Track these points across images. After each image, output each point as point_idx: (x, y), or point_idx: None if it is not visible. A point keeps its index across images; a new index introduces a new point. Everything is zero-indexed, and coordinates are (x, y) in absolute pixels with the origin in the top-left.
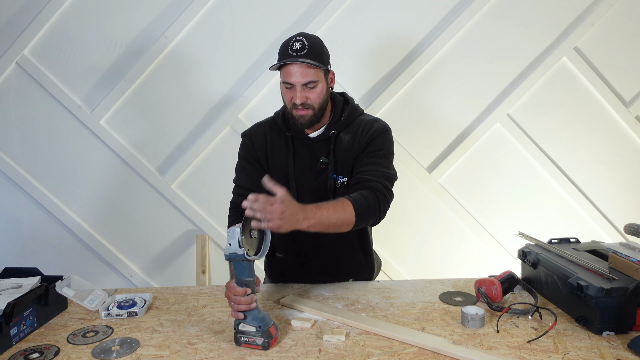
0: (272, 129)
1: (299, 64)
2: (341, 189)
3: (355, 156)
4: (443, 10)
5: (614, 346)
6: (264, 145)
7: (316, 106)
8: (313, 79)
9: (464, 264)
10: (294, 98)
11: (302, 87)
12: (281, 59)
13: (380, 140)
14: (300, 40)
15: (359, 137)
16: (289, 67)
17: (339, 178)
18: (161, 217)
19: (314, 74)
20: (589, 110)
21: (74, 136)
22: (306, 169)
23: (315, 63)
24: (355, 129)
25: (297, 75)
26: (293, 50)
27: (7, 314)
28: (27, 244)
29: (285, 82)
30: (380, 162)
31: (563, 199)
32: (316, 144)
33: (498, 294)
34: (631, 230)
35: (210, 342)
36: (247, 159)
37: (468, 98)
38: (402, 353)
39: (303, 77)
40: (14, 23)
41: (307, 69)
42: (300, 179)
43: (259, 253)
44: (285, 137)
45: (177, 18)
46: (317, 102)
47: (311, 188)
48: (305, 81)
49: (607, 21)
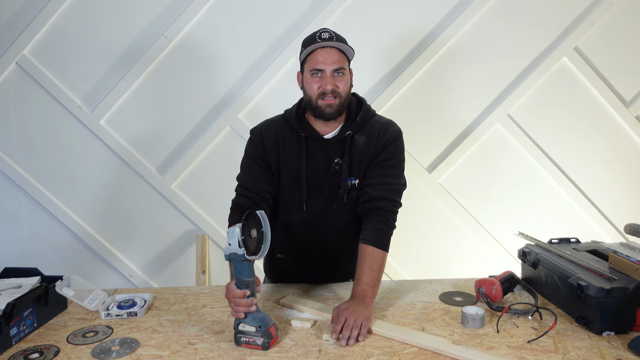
0: (283, 128)
1: (330, 50)
2: (352, 190)
3: (369, 159)
4: (443, 11)
5: (614, 346)
6: (275, 145)
7: (344, 95)
8: (342, 66)
9: (464, 264)
10: (324, 85)
11: (332, 74)
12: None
13: (393, 147)
14: (328, 31)
15: (374, 140)
16: (318, 53)
17: (351, 180)
18: (161, 217)
19: (343, 61)
20: (589, 110)
21: (74, 136)
22: (319, 170)
23: (345, 50)
24: (370, 131)
25: (328, 60)
26: (322, 39)
27: (7, 314)
28: (27, 244)
29: (315, 70)
30: (391, 172)
31: (563, 199)
32: (331, 145)
33: (498, 294)
34: (631, 230)
35: (210, 342)
36: (255, 160)
37: (468, 98)
38: (402, 353)
39: (334, 63)
40: (14, 23)
41: (337, 56)
42: (312, 180)
43: (258, 253)
44: (299, 138)
45: (177, 18)
46: (344, 92)
47: (323, 189)
48: (335, 67)
49: (607, 21)
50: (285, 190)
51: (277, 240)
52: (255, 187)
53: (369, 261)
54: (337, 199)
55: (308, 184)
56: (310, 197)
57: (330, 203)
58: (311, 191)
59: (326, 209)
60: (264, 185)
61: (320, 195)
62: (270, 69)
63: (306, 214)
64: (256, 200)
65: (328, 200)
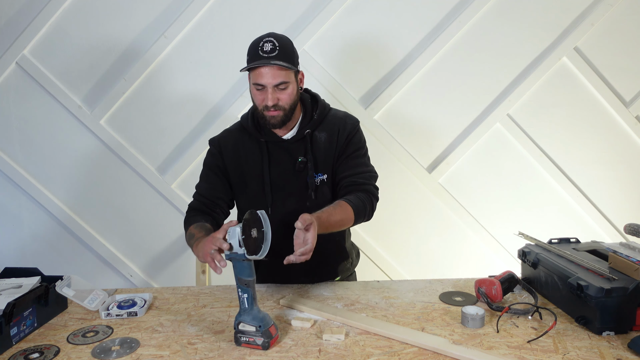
0: (242, 135)
1: (271, 67)
2: (321, 186)
3: (335, 154)
4: (443, 10)
5: (614, 346)
6: (236, 155)
7: (287, 107)
8: (284, 80)
9: (464, 264)
10: (266, 100)
11: (273, 89)
12: (251, 60)
13: (357, 138)
14: (271, 41)
15: (335, 135)
16: (260, 69)
17: (318, 176)
18: (161, 217)
19: (285, 75)
20: (589, 110)
21: (74, 136)
22: (284, 171)
23: (286, 65)
24: (330, 127)
25: (269, 76)
26: (264, 52)
27: (7, 314)
28: (27, 244)
29: (256, 84)
30: (363, 162)
31: (563, 199)
32: (291, 145)
33: (498, 294)
34: (631, 230)
35: (210, 342)
36: (212, 169)
37: (468, 98)
38: (402, 353)
39: (274, 79)
40: (14, 23)
41: (278, 71)
42: (278, 182)
43: (259, 252)
44: (259, 143)
45: (177, 18)
46: (287, 103)
47: (293, 189)
48: (276, 82)
49: (607, 21)
50: (253, 196)
51: None
52: (211, 195)
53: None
54: (308, 197)
55: (273, 187)
56: (276, 200)
57: (302, 202)
58: (279, 194)
59: (299, 208)
60: (219, 194)
61: (291, 196)
62: None
63: (277, 215)
64: (210, 206)
65: (300, 199)
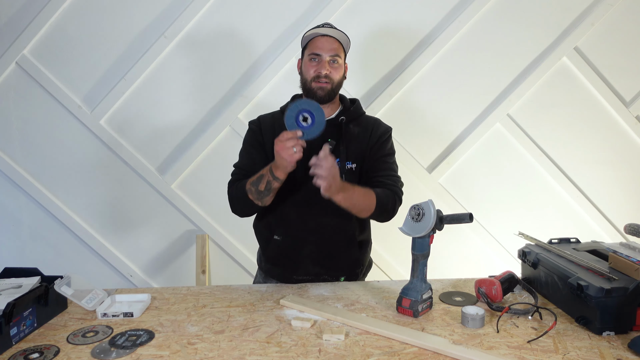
0: (280, 117)
1: (329, 38)
2: (349, 173)
3: (366, 148)
4: (443, 10)
5: (614, 346)
6: (271, 131)
7: (335, 82)
8: (338, 54)
9: (464, 264)
10: (319, 68)
11: (327, 61)
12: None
13: (389, 142)
14: (330, 25)
15: (368, 132)
16: (318, 40)
17: (348, 164)
18: (161, 217)
19: (340, 50)
20: (589, 110)
21: (74, 136)
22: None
23: (342, 41)
24: (364, 124)
25: (326, 47)
26: (325, 26)
27: (7, 314)
28: (27, 244)
29: (313, 54)
30: (392, 168)
31: (563, 199)
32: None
33: (498, 294)
34: (631, 230)
35: (210, 342)
36: (252, 144)
37: (468, 98)
38: (402, 353)
39: (331, 50)
40: (14, 23)
41: (335, 44)
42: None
43: None
44: None
45: (177, 18)
46: (336, 79)
47: None
48: (332, 53)
49: (607, 21)
50: None
51: (275, 223)
52: (251, 168)
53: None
54: None
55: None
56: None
57: None
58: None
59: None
60: (259, 168)
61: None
62: (270, 69)
63: (303, 193)
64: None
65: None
